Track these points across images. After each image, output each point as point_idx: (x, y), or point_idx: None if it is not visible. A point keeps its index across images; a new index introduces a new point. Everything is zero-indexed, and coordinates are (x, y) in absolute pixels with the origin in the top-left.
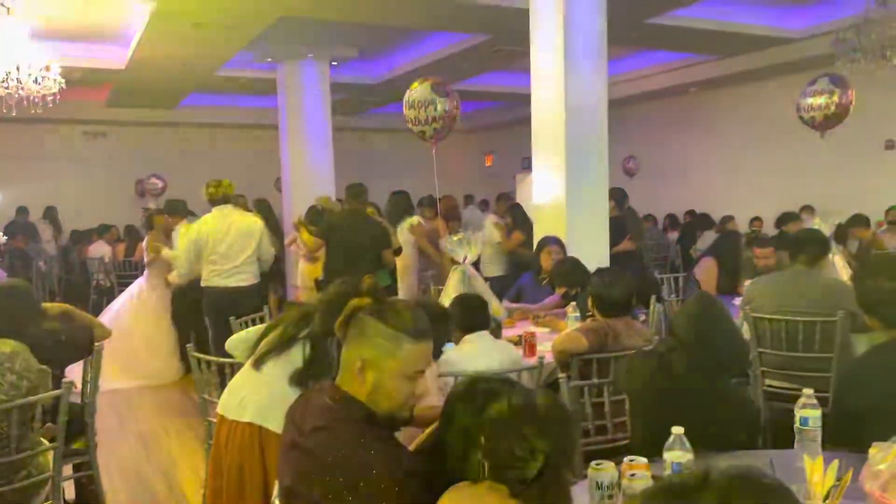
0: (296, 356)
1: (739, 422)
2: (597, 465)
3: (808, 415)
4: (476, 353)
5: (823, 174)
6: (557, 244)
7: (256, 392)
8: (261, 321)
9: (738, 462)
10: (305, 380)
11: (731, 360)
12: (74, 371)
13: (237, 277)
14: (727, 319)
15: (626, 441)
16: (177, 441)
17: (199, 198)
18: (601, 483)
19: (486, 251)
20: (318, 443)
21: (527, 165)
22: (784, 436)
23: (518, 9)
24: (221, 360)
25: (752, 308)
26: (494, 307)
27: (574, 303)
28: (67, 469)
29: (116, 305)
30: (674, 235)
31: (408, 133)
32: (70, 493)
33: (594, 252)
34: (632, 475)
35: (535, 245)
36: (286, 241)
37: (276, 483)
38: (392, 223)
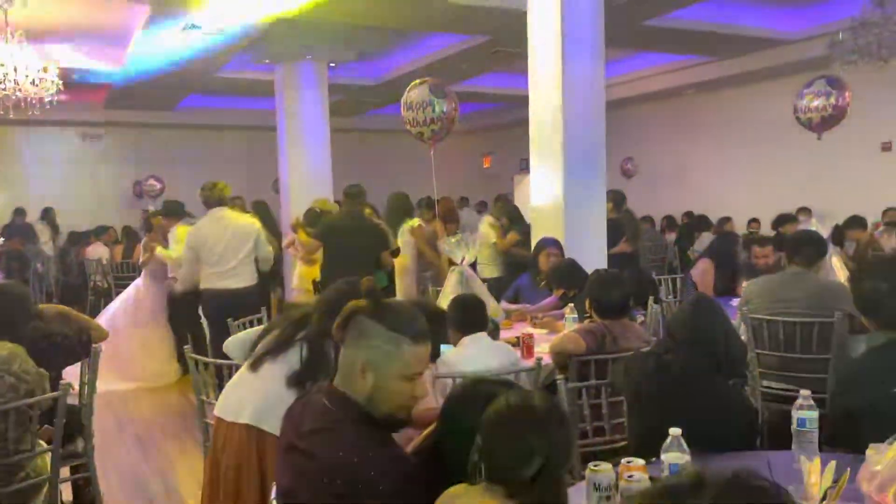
0: (293, 358)
1: (737, 423)
2: (594, 467)
3: (806, 416)
4: (474, 355)
5: (821, 175)
6: (555, 246)
7: (254, 394)
8: (259, 322)
9: (735, 463)
10: (303, 381)
11: (729, 362)
12: (72, 373)
13: (234, 279)
14: (724, 321)
15: (624, 442)
16: (174, 443)
17: (197, 199)
18: (599, 484)
19: (483, 253)
20: (316, 444)
21: (525, 167)
22: (781, 437)
23: (517, 10)
24: (219, 362)
25: (750, 309)
26: (492, 308)
27: (572, 304)
28: (65, 471)
29: (113, 307)
30: (671, 237)
31: (406, 134)
32: (68, 495)
33: (592, 253)
34: (629, 476)
35: (533, 246)
36: (284, 244)
37: (274, 484)
38: (392, 225)
